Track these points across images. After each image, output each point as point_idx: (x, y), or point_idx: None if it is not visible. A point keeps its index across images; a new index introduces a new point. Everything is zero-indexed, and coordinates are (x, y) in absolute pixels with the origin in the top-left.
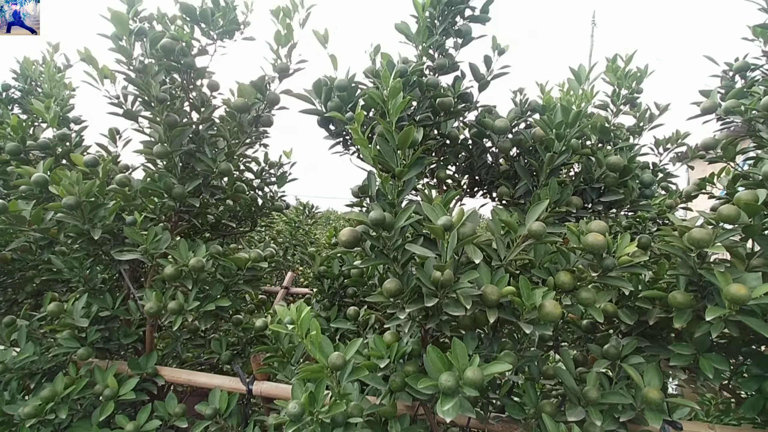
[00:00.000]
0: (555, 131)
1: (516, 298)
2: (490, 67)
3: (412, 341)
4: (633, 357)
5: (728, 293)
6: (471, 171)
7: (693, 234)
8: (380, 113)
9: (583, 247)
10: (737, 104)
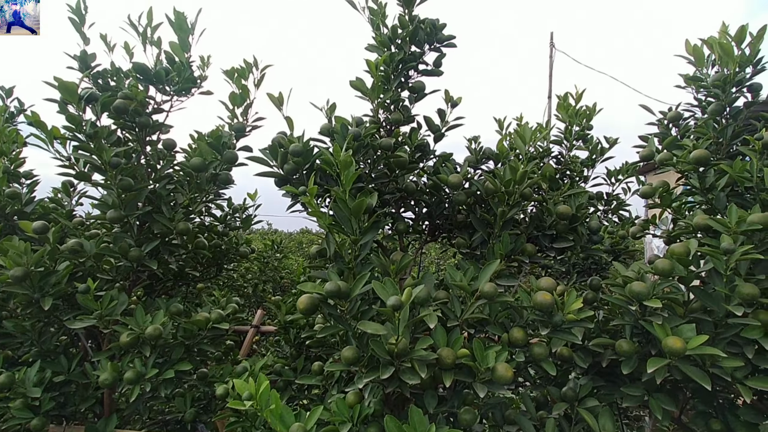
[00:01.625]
0: (504, 188)
1: (469, 362)
2: (445, 119)
3: (374, 401)
4: (589, 399)
5: (666, 346)
6: (431, 218)
7: (632, 287)
8: (335, 180)
9: (533, 305)
10: (669, 156)
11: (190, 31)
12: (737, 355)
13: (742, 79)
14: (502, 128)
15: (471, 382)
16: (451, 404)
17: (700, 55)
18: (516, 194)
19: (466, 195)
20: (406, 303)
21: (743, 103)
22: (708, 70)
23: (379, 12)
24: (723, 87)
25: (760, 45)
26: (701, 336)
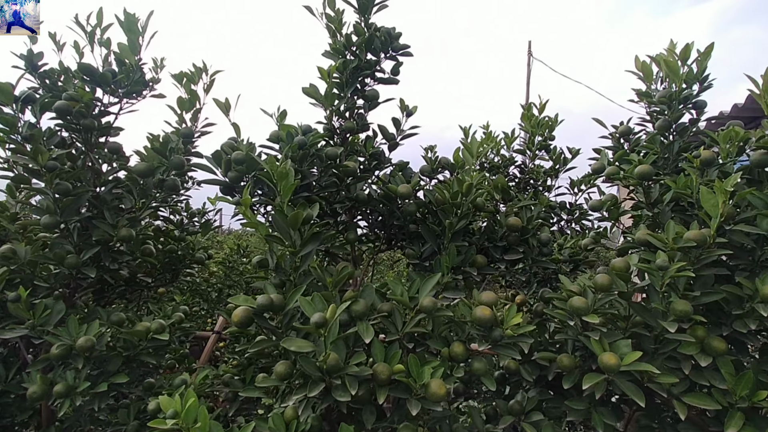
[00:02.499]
0: (451, 200)
1: (403, 379)
2: (400, 128)
3: (312, 417)
4: (534, 413)
5: (601, 362)
6: (384, 228)
7: (572, 302)
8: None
9: (472, 320)
10: (617, 170)
11: (140, 32)
12: (676, 371)
13: (688, 96)
14: (467, 136)
15: (406, 399)
16: (391, 420)
17: (649, 71)
18: (464, 206)
19: (417, 205)
20: (330, 319)
21: (688, 120)
22: (657, 86)
23: (336, 19)
24: (669, 103)
25: (707, 62)
26: (636, 352)
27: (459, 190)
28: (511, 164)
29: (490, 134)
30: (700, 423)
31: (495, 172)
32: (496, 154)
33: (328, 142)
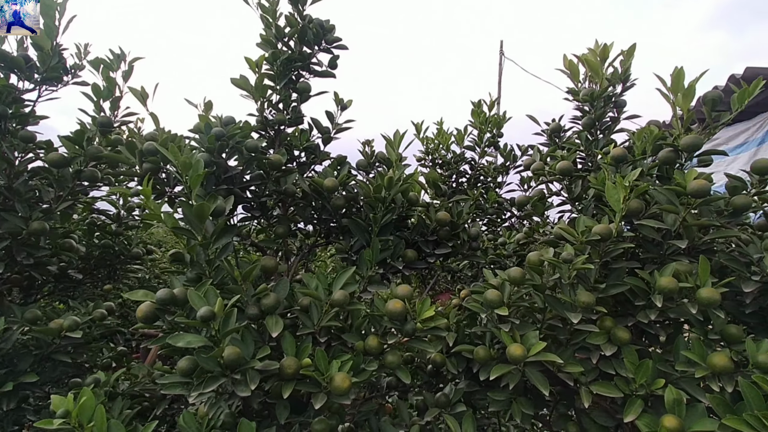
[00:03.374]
0: (374, 193)
1: (309, 372)
2: (334, 121)
3: (226, 413)
4: (459, 405)
5: (508, 353)
6: (318, 222)
7: (486, 295)
8: None
9: (384, 313)
10: (541, 166)
11: (57, 16)
12: (588, 360)
13: (610, 95)
14: (419, 132)
15: (313, 393)
16: (308, 414)
17: (575, 70)
18: (387, 199)
19: (346, 199)
20: (219, 313)
21: (610, 118)
22: (585, 85)
23: (271, 9)
24: (591, 101)
25: (630, 62)
26: (541, 343)
27: (381, 184)
28: (462, 160)
29: (442, 130)
30: (611, 410)
31: (446, 168)
32: (447, 150)
33: (262, 135)
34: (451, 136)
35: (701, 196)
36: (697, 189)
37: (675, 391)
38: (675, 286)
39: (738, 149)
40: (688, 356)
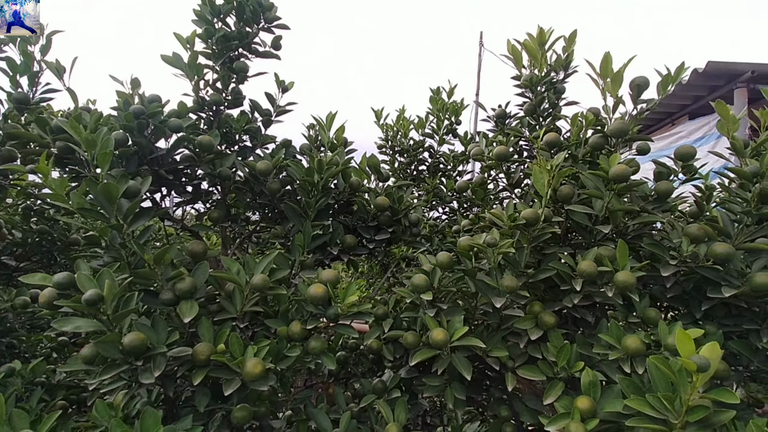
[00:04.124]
0: (305, 177)
1: (220, 357)
2: (275, 104)
3: (142, 402)
4: (395, 391)
5: (431, 337)
6: (257, 208)
7: (413, 280)
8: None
9: (306, 298)
10: (480, 151)
11: None
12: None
13: (551, 80)
14: (379, 118)
15: (225, 379)
16: (232, 401)
17: (518, 55)
18: (320, 183)
19: (282, 183)
20: (108, 296)
21: (550, 104)
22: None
23: None
24: (531, 87)
25: (573, 48)
26: (463, 327)
27: (312, 167)
28: (421, 148)
29: (401, 117)
30: (540, 394)
31: (405, 155)
32: (405, 137)
33: (200, 117)
34: (410, 123)
35: (622, 180)
36: (618, 174)
37: (591, 374)
38: (594, 270)
39: (698, 142)
40: (604, 339)
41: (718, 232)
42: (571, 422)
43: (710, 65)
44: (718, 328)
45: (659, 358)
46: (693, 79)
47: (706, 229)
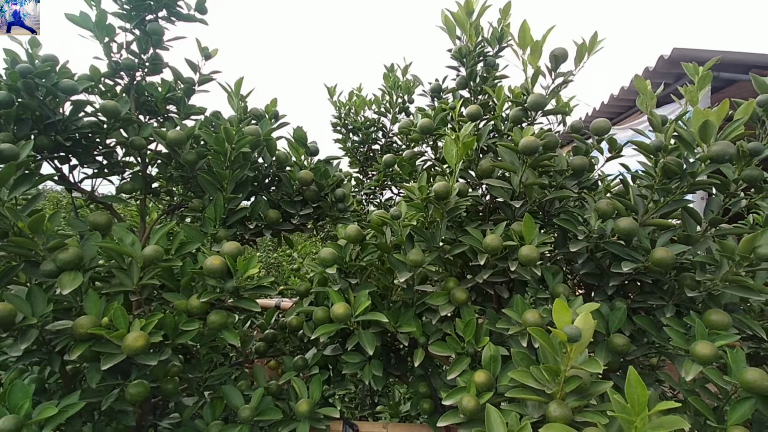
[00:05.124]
0: (215, 146)
1: (98, 330)
2: (197, 72)
3: (32, 378)
4: (314, 368)
5: (332, 312)
6: (181, 181)
7: (320, 254)
8: None
9: (204, 271)
10: (406, 124)
11: None
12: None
13: (482, 53)
14: (332, 95)
15: (104, 354)
16: (131, 378)
17: (451, 26)
18: (233, 154)
19: (198, 155)
20: None
21: (479, 77)
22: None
23: None
24: (461, 59)
25: (508, 21)
26: (365, 302)
27: (221, 136)
28: (373, 126)
29: (353, 94)
30: None
31: (356, 133)
32: (356, 115)
33: (116, 83)
34: (362, 101)
35: (530, 153)
36: (527, 146)
37: (493, 348)
38: (498, 244)
39: None
40: (507, 314)
41: (627, 208)
42: (464, 396)
43: (675, 52)
44: (630, 304)
45: (539, 330)
46: (660, 66)
47: (616, 204)
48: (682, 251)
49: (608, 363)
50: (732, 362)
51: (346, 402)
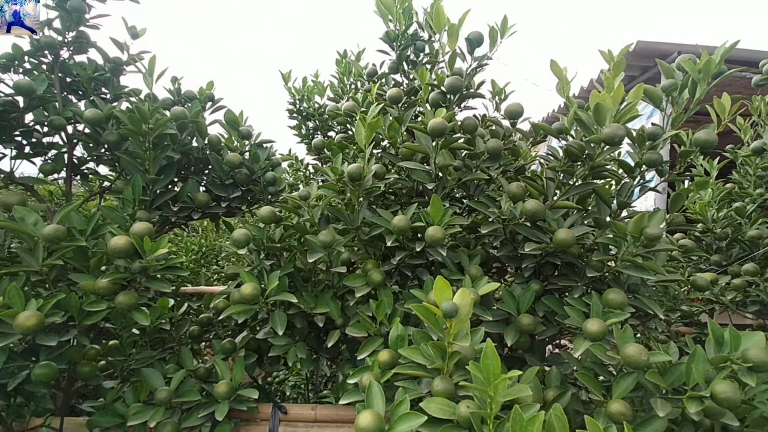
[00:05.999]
0: (130, 126)
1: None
2: (125, 51)
3: None
4: (242, 351)
5: (240, 292)
6: (107, 162)
7: (233, 235)
8: None
9: (109, 251)
10: (334, 107)
11: None
12: None
13: (412, 38)
14: (287, 81)
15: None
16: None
17: (383, 12)
18: (151, 134)
19: (120, 135)
20: None
21: (411, 62)
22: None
23: None
24: (390, 43)
25: (440, 4)
26: (276, 282)
27: (134, 115)
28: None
29: (306, 80)
30: None
31: (311, 119)
32: (309, 102)
33: (41, 62)
34: (314, 88)
35: (439, 134)
36: (434, 127)
37: (401, 329)
38: (405, 225)
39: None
40: (415, 294)
41: (538, 191)
42: (365, 374)
43: (640, 44)
44: (546, 286)
45: (420, 307)
46: (626, 58)
47: (526, 187)
48: (585, 233)
49: (518, 342)
50: (618, 339)
51: (300, 389)
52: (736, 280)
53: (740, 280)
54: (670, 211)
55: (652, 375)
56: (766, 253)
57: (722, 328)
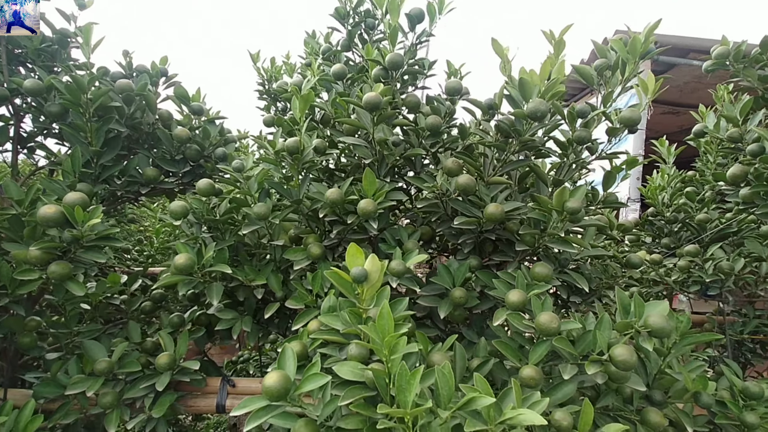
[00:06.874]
0: (68, 96)
1: None
2: (72, 22)
3: None
4: (195, 333)
5: (174, 263)
6: (54, 135)
7: (170, 207)
8: None
9: (38, 219)
10: (282, 83)
11: None
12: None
13: (366, 13)
14: (255, 62)
15: None
16: None
17: None
18: (91, 105)
19: (63, 108)
20: None
21: (360, 39)
22: None
23: None
24: (340, 20)
25: None
26: (210, 253)
27: (73, 86)
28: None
29: (274, 60)
30: None
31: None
32: (275, 82)
33: None
34: (282, 68)
35: (373, 108)
36: (368, 101)
37: (333, 299)
38: (338, 197)
39: None
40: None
41: (474, 167)
42: (293, 342)
43: (617, 34)
44: (486, 262)
45: (333, 273)
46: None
47: (461, 162)
48: (516, 207)
49: (452, 315)
50: (535, 308)
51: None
52: (681, 261)
53: (684, 261)
54: (604, 190)
55: (560, 341)
56: (712, 236)
57: (629, 298)
